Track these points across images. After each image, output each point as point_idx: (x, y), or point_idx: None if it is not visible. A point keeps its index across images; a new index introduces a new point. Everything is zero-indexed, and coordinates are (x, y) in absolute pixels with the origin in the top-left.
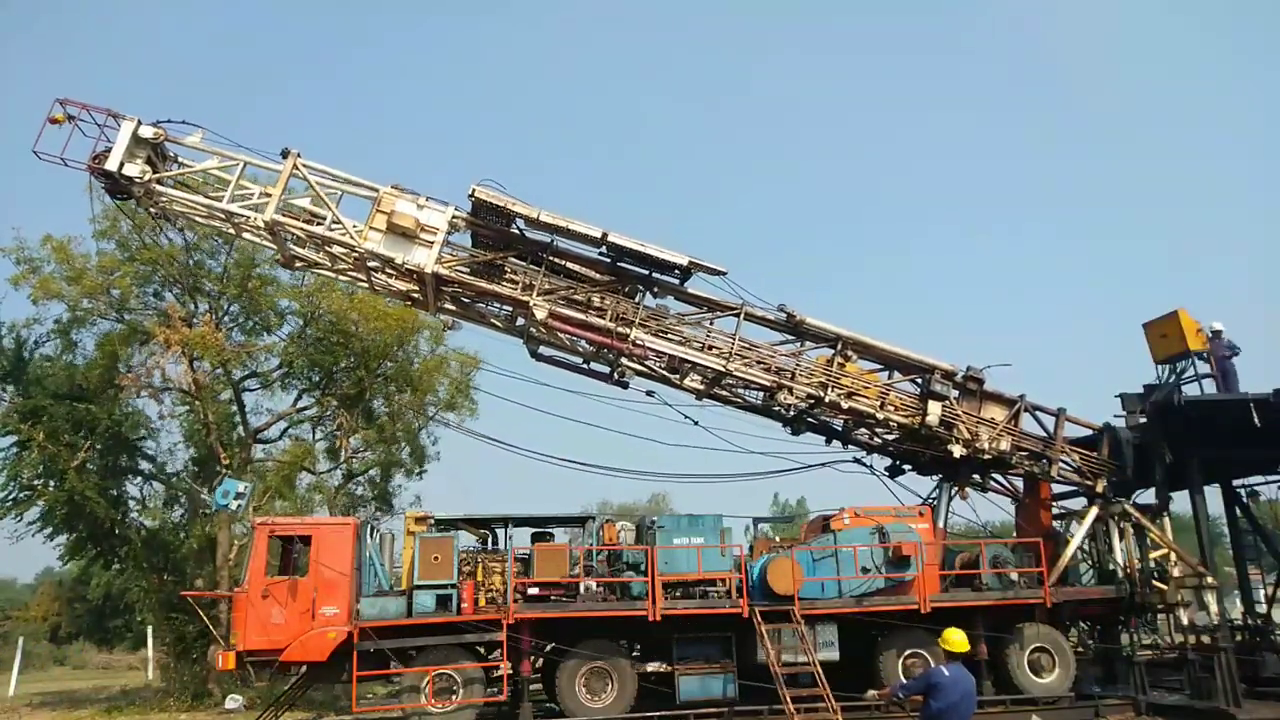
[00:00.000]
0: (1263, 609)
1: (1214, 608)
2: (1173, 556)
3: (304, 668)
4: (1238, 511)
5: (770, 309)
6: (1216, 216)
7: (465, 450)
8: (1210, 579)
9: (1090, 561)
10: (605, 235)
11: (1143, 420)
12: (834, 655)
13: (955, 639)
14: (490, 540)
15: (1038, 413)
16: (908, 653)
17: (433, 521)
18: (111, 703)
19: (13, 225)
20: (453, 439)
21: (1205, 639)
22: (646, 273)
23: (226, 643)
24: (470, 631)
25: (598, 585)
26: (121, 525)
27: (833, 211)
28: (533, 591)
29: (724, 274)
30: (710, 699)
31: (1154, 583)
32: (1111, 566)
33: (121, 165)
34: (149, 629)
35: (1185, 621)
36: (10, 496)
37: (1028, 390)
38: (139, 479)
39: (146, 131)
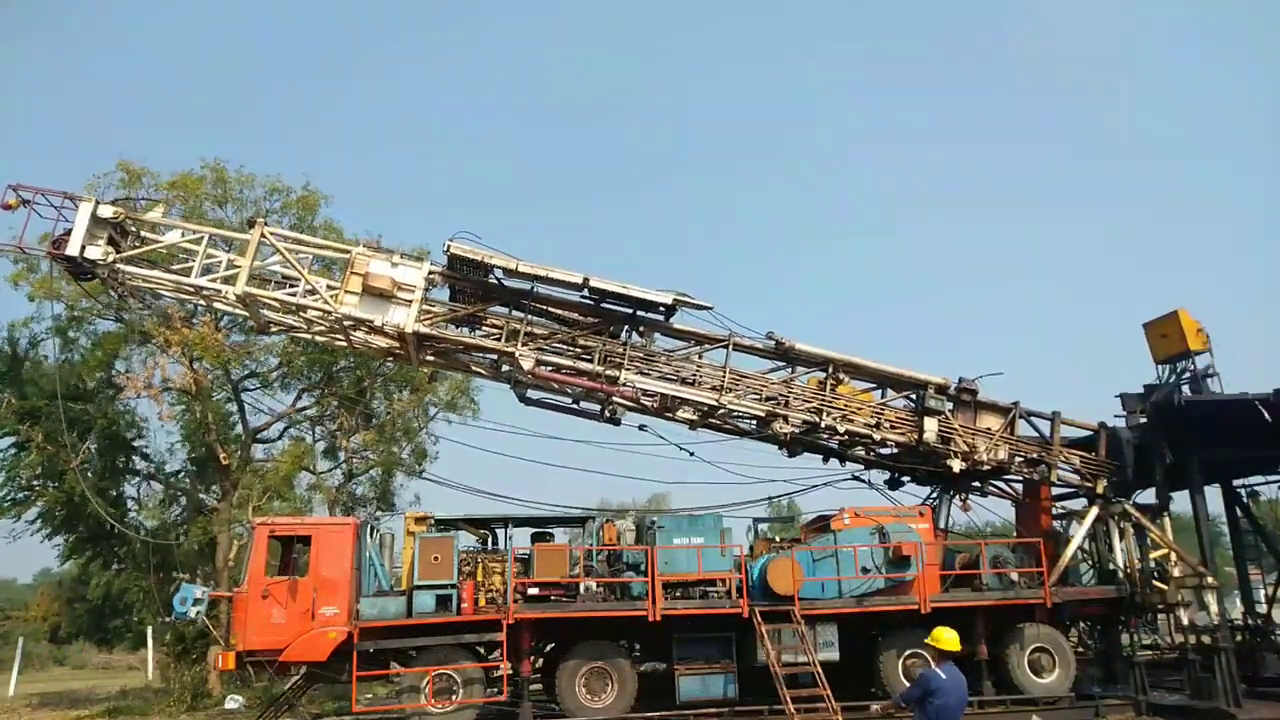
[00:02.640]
0: (1263, 609)
1: (1214, 608)
2: (1173, 556)
3: (304, 668)
4: (1238, 511)
5: (759, 338)
6: (1217, 215)
7: (467, 448)
8: (1210, 579)
9: (1090, 561)
10: (586, 280)
11: (1143, 420)
12: (834, 655)
13: (947, 638)
14: (490, 540)
15: (1033, 418)
16: (908, 653)
17: (433, 521)
18: (111, 703)
19: (10, 223)
20: (453, 438)
21: (1205, 639)
22: (631, 312)
23: (226, 643)
24: (470, 632)
25: (598, 585)
26: (121, 525)
27: (823, 215)
28: (533, 591)
29: (709, 309)
30: (710, 699)
31: (1154, 583)
32: (1112, 567)
33: (83, 249)
34: (149, 629)
35: (1185, 621)
36: (9, 497)
37: (1025, 394)
38: (137, 479)
39: (105, 211)
